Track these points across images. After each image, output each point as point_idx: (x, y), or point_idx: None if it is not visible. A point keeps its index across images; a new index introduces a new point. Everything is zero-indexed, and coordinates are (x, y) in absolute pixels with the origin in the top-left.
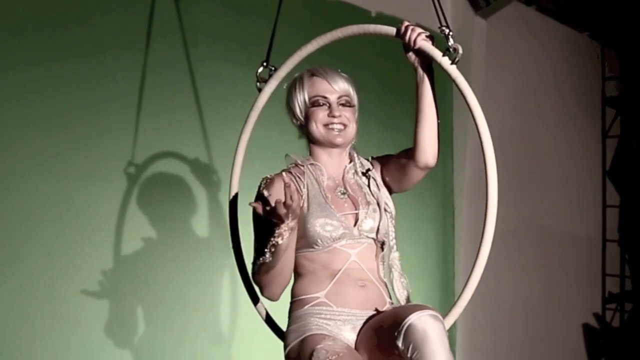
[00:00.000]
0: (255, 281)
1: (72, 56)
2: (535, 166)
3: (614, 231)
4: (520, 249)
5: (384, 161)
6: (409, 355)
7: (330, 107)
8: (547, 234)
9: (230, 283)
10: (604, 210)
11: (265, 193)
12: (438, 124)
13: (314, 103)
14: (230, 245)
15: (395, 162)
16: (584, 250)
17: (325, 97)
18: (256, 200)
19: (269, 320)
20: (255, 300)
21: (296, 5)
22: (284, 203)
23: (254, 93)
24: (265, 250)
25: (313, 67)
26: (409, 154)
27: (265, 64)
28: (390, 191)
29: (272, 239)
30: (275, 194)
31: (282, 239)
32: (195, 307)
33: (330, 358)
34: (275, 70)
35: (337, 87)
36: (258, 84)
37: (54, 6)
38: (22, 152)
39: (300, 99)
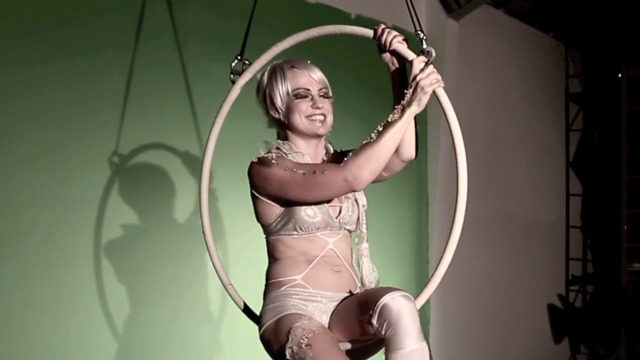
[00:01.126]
0: (349, 165)
1: (71, 55)
2: (503, 158)
3: (576, 218)
4: (489, 234)
5: None
6: (383, 332)
7: (312, 99)
8: (514, 221)
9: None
10: (567, 199)
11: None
12: (415, 120)
13: (296, 95)
14: (221, 230)
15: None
16: (549, 236)
17: (307, 89)
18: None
19: (247, 312)
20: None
21: (279, 7)
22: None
23: (245, 90)
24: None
25: (291, 60)
26: (398, 149)
27: (239, 57)
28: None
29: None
30: (287, 160)
31: (395, 114)
32: (186, 289)
33: (307, 336)
34: (250, 64)
35: (317, 79)
36: (232, 76)
37: (53, 9)
38: (25, 144)
39: (283, 90)
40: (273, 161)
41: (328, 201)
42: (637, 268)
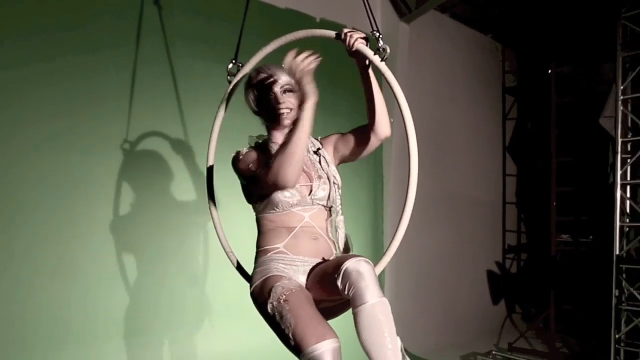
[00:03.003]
0: (273, 168)
1: (74, 54)
2: (448, 143)
3: (512, 195)
4: (437, 210)
5: (338, 138)
6: (346, 292)
7: (276, 96)
8: (458, 198)
9: (202, 237)
10: (504, 179)
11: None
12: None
13: (261, 83)
14: (202, 205)
15: (354, 137)
16: (488, 211)
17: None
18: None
19: (240, 269)
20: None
21: (254, 12)
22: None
23: (223, 84)
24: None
25: (259, 66)
26: (367, 130)
27: (234, 61)
28: (344, 161)
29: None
30: (251, 155)
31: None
32: (173, 256)
33: (285, 294)
34: (242, 66)
35: (281, 79)
36: (229, 77)
37: (59, 14)
38: (34, 132)
39: (252, 93)
40: (241, 157)
41: (304, 181)
42: (565, 239)
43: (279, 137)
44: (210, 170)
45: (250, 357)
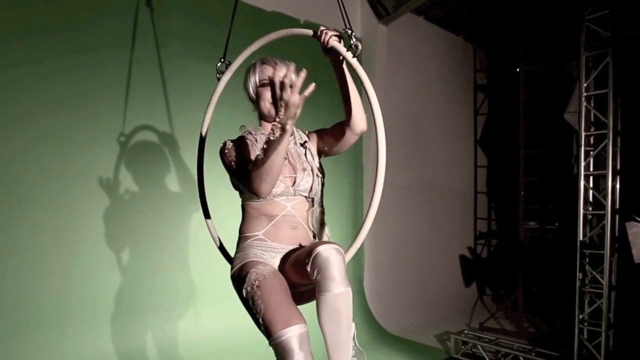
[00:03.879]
0: (250, 178)
1: (75, 53)
2: (424, 136)
3: (483, 185)
4: (413, 198)
5: (320, 134)
6: (314, 276)
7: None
8: (433, 188)
9: (193, 224)
10: (475, 170)
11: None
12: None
13: (262, 84)
14: (192, 195)
15: (333, 133)
16: (460, 200)
17: (272, 80)
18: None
19: (222, 248)
20: (220, 244)
21: (243, 15)
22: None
23: (213, 81)
24: (261, 149)
25: (264, 56)
26: (344, 125)
27: (222, 59)
28: (326, 155)
29: (269, 134)
30: (232, 153)
31: (275, 134)
32: (166, 243)
33: (258, 279)
34: (230, 64)
35: (281, 72)
36: (218, 75)
37: (60, 16)
38: (36, 126)
39: (252, 81)
40: (226, 151)
41: (283, 172)
42: (532, 226)
43: (269, 128)
44: (200, 157)
45: (237, 335)
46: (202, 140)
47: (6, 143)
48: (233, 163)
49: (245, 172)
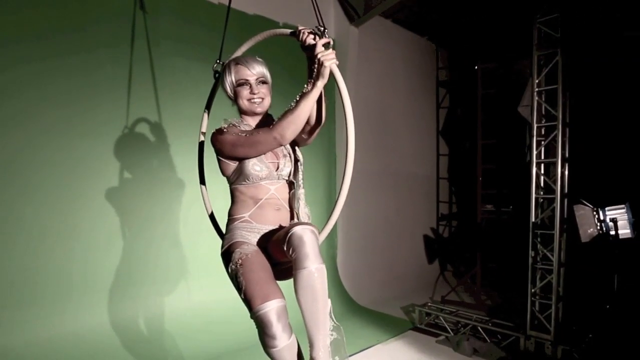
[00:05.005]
0: (276, 126)
1: (75, 53)
2: (391, 127)
3: (444, 171)
4: (382, 184)
5: None
6: (290, 254)
7: (250, 86)
8: (399, 174)
9: (182, 206)
10: (437, 158)
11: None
12: (322, 97)
13: (239, 84)
14: (183, 180)
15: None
16: (424, 185)
17: (246, 80)
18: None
19: (212, 218)
20: (212, 217)
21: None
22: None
23: (202, 78)
24: (293, 101)
25: (237, 57)
26: (311, 120)
27: (218, 60)
28: (299, 145)
29: (303, 89)
30: (234, 129)
31: (307, 88)
32: (158, 223)
33: (241, 258)
34: (224, 64)
35: (255, 71)
36: (215, 74)
37: (63, 19)
38: (41, 118)
39: (229, 81)
40: (225, 130)
41: (267, 158)
42: (489, 208)
43: (250, 120)
44: (201, 145)
45: (223, 306)
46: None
47: (14, 133)
48: (235, 138)
49: (249, 143)
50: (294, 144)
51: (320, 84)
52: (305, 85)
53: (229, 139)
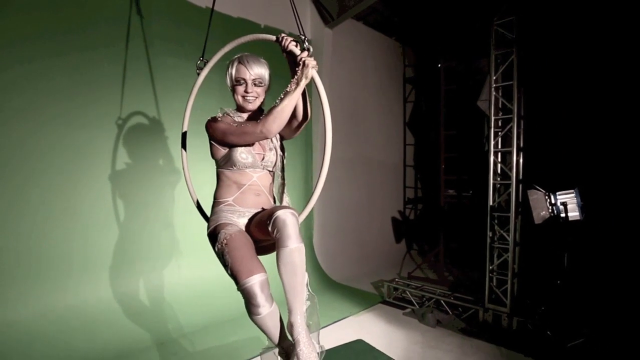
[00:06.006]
0: (263, 121)
1: (75, 52)
2: (363, 119)
3: (411, 159)
4: (354, 171)
5: None
6: (274, 235)
7: (246, 85)
8: (370, 161)
9: (173, 192)
10: (404, 147)
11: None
12: (305, 94)
13: (237, 81)
14: (173, 168)
15: (290, 121)
16: (393, 171)
17: (244, 79)
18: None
19: (199, 208)
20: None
21: (214, 20)
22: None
23: (191, 75)
24: (278, 98)
25: (242, 56)
26: (295, 114)
27: (201, 58)
28: (284, 138)
29: (287, 87)
30: (227, 118)
31: (291, 87)
32: (152, 206)
33: (227, 237)
34: (207, 62)
35: (253, 72)
36: (198, 70)
37: (65, 21)
38: (45, 112)
39: (229, 77)
40: (219, 118)
41: (258, 150)
42: (451, 193)
43: (243, 114)
44: (184, 135)
45: (210, 282)
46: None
47: (21, 124)
48: (227, 126)
49: (238, 132)
50: (281, 138)
51: (303, 84)
52: (289, 85)
53: (221, 127)
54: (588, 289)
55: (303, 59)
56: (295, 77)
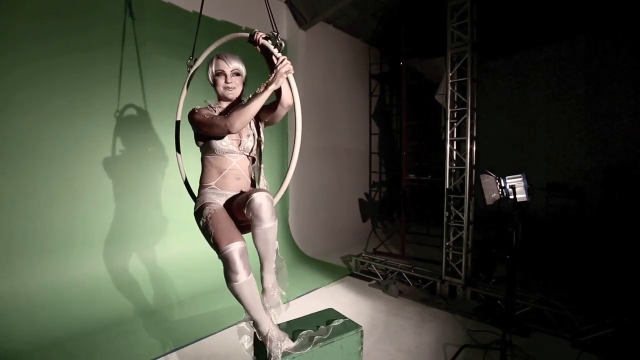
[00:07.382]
0: (229, 117)
1: (75, 51)
2: (333, 111)
3: (376, 147)
4: (325, 157)
5: (262, 109)
6: (250, 217)
7: (226, 76)
8: (340, 149)
9: (164, 176)
10: (370, 136)
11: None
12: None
13: (217, 74)
14: (165, 155)
15: (270, 108)
16: (360, 158)
17: (223, 71)
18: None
19: (186, 184)
20: (187, 185)
21: (200, 23)
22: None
23: (180, 72)
24: (248, 98)
25: (220, 53)
26: (276, 102)
27: (191, 57)
28: (266, 124)
29: (257, 89)
30: (204, 110)
31: (260, 90)
32: (144, 189)
33: (210, 212)
34: (195, 60)
35: (230, 65)
36: (188, 68)
37: (65, 24)
38: (49, 105)
39: (211, 71)
40: (196, 111)
41: (236, 137)
42: (412, 177)
43: (223, 104)
44: (177, 123)
45: (196, 257)
46: (178, 124)
47: (27, 116)
48: (206, 115)
49: (208, 124)
50: (267, 124)
51: (272, 88)
52: (260, 86)
53: (197, 118)
54: (536, 261)
55: (278, 67)
56: (267, 81)
